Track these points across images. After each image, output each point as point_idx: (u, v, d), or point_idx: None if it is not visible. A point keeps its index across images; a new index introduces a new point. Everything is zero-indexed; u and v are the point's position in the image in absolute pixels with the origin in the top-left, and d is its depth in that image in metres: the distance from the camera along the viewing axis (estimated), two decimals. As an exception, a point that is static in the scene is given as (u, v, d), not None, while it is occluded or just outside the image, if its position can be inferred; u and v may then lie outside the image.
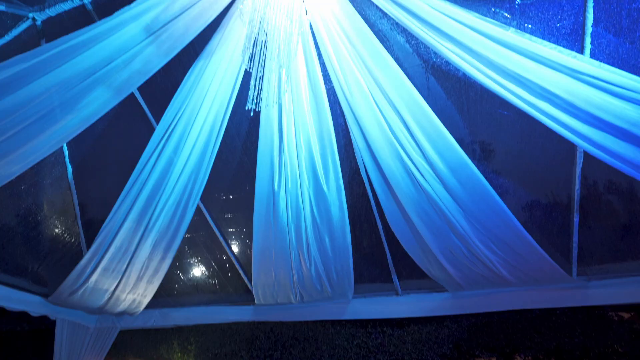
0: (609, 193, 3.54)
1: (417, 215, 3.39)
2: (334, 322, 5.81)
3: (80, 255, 4.26)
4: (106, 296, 4.37)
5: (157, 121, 3.58)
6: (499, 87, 2.68)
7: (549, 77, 2.51)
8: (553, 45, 2.50)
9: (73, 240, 4.73)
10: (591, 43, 2.66)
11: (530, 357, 5.60)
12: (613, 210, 3.62)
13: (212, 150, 3.56)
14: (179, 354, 6.37)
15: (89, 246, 4.13)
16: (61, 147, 3.89)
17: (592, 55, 2.66)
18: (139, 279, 4.34)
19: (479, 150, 3.50)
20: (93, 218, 4.50)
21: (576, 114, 2.56)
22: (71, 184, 4.17)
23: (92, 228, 4.41)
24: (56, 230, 4.68)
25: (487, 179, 3.26)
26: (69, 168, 4.12)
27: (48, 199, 4.40)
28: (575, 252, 3.64)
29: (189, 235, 4.68)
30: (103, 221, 3.96)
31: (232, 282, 4.95)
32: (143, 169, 3.58)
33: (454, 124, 3.28)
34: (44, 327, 5.81)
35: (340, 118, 3.52)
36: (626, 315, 5.27)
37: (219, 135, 3.49)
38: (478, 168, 3.22)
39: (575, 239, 3.57)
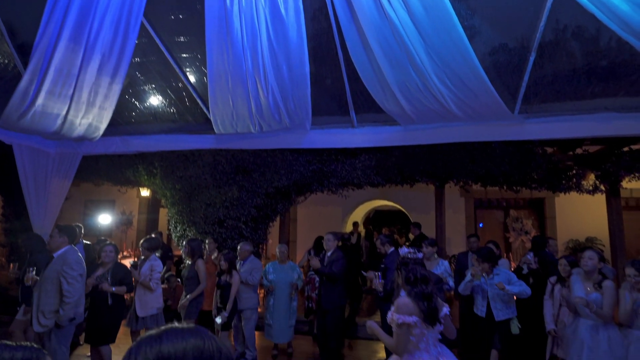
0: (574, 39, 3.51)
1: (378, 44, 3.26)
2: (292, 150, 6.20)
3: (19, 78, 3.96)
4: (59, 121, 4.27)
5: None
6: None
7: None
8: None
9: (7, 61, 4.36)
10: None
11: (461, 182, 6.50)
12: (571, 54, 3.66)
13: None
14: (145, 177, 6.76)
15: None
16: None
17: None
18: (90, 104, 4.20)
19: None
20: (27, 41, 4.05)
21: None
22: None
23: (27, 51, 4.02)
24: (-16, 51, 4.24)
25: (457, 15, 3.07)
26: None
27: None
28: (522, 90, 3.81)
29: (138, 59, 4.36)
30: (36, 41, 3.58)
31: (190, 111, 4.92)
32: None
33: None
34: (2, 153, 5.79)
35: None
36: (549, 150, 6.01)
37: None
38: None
39: (525, 78, 3.68)
